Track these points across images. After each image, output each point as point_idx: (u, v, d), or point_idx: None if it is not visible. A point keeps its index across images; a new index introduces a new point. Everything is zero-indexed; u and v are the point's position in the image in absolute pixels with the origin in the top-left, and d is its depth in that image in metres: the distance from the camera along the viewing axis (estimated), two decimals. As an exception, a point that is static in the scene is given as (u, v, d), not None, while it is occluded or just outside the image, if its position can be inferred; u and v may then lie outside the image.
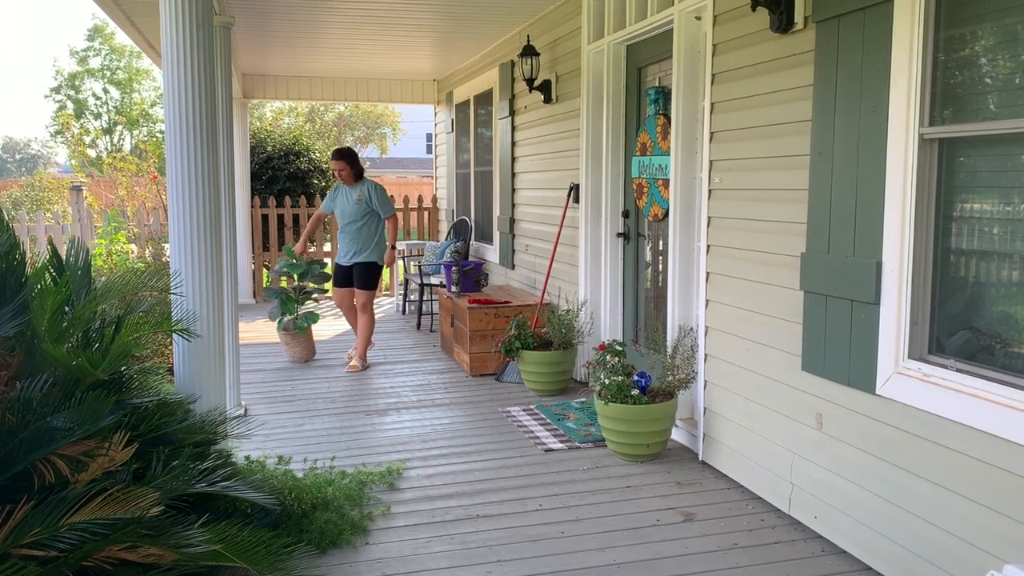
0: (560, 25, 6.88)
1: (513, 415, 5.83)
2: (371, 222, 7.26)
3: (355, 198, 7.20)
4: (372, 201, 7.21)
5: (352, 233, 7.23)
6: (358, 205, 7.18)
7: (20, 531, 2.78)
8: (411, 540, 3.86)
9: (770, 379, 4.15)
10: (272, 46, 8.94)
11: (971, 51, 3.13)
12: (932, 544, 3.19)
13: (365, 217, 7.22)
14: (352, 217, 7.20)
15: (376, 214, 7.26)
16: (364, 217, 7.21)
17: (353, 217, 7.20)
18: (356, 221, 7.20)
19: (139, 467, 3.27)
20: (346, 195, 7.27)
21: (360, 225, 7.21)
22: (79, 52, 37.46)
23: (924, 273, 3.29)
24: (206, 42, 3.89)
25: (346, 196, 7.27)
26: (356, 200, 7.19)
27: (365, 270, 7.26)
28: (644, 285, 6.05)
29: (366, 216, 7.22)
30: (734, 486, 4.46)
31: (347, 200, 7.26)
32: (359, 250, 7.24)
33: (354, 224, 7.21)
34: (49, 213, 11.80)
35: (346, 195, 7.27)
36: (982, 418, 2.95)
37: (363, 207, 7.19)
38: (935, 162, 3.23)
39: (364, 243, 7.22)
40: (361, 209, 7.19)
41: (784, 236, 4.02)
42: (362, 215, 7.20)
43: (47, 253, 3.71)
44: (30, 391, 3.11)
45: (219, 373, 4.11)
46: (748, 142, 4.29)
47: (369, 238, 7.24)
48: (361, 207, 7.19)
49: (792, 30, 3.88)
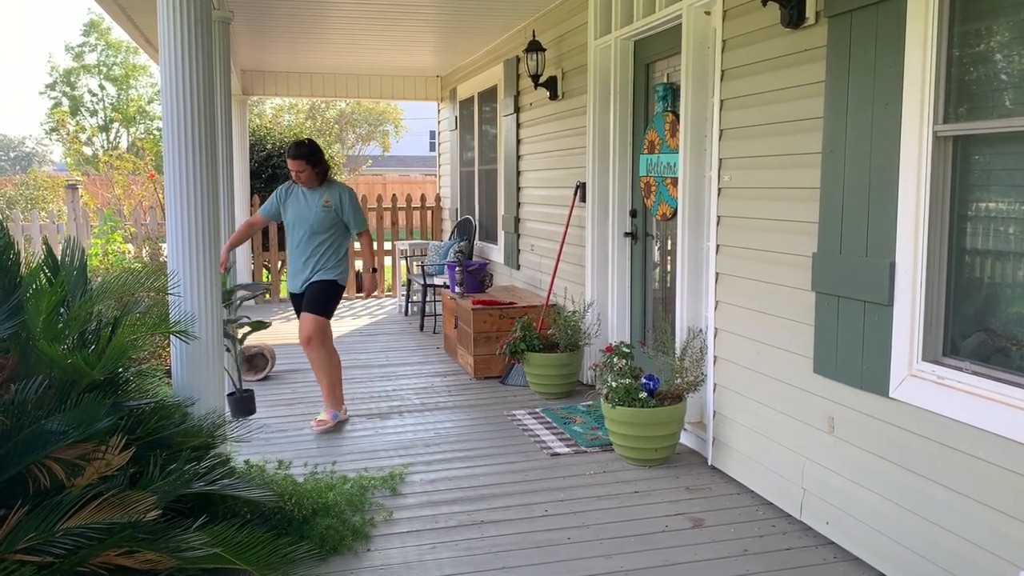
0: (566, 20, 6.89)
1: (518, 419, 5.84)
2: (338, 237, 5.79)
3: (321, 203, 5.72)
4: (344, 210, 5.75)
5: (311, 249, 5.72)
6: (324, 212, 5.71)
7: (15, 536, 2.80)
8: (414, 546, 3.87)
9: (781, 382, 4.16)
10: (272, 41, 8.97)
11: (986, 46, 3.14)
12: (947, 550, 3.19)
13: (331, 230, 5.74)
14: (315, 228, 5.70)
15: (345, 227, 5.83)
16: (330, 230, 5.74)
17: (316, 228, 5.70)
18: (319, 234, 5.70)
19: (136, 471, 3.29)
20: (305, 199, 5.77)
21: (324, 239, 5.72)
22: (74, 48, 37.52)
23: (938, 274, 3.29)
24: (204, 37, 3.90)
25: (305, 200, 5.77)
26: (322, 206, 5.71)
27: (320, 289, 5.70)
28: (652, 286, 6.06)
29: (332, 229, 5.75)
30: (744, 491, 4.46)
31: (307, 205, 5.75)
32: (319, 268, 5.73)
33: (316, 237, 5.71)
34: (44, 212, 11.85)
35: (305, 199, 5.77)
36: (998, 421, 2.96)
37: (330, 216, 5.72)
38: (949, 160, 3.23)
39: (326, 261, 5.72)
40: (327, 219, 5.71)
41: (795, 236, 4.02)
42: (327, 227, 5.72)
43: (42, 253, 3.73)
44: (25, 393, 3.13)
45: (218, 376, 4.12)
46: (758, 139, 4.30)
47: (333, 256, 5.76)
48: (328, 216, 5.71)
49: (803, 25, 3.88)
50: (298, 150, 5.65)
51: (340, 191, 5.79)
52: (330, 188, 5.78)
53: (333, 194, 5.76)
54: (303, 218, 5.73)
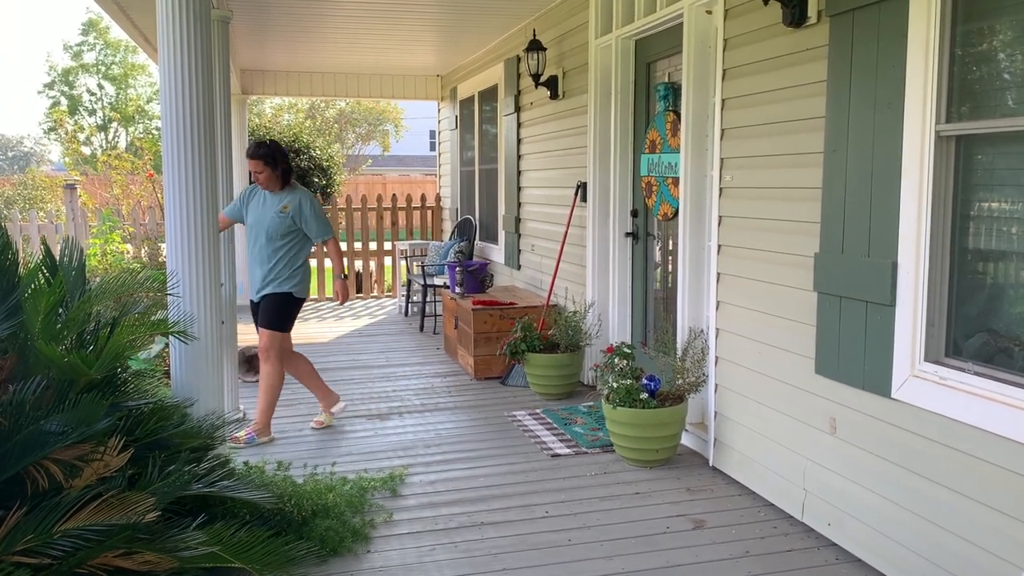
0: (567, 19, 6.89)
1: (519, 419, 5.84)
2: (295, 245, 5.52)
3: (278, 208, 5.47)
4: (301, 216, 5.48)
5: (266, 256, 5.48)
6: (280, 218, 5.45)
7: (13, 537, 2.80)
8: (414, 548, 3.87)
9: (782, 382, 4.16)
10: (271, 41, 8.98)
11: (989, 45, 3.14)
12: (950, 552, 3.19)
13: (287, 237, 5.49)
14: (269, 234, 5.46)
15: (304, 235, 5.56)
16: (286, 237, 5.48)
17: (271, 234, 5.46)
18: (274, 240, 5.46)
19: (134, 472, 3.29)
20: (265, 203, 5.54)
21: (279, 246, 5.47)
22: (73, 47, 37.55)
23: (941, 274, 3.29)
24: (203, 36, 3.90)
25: (264, 203, 5.54)
26: (279, 211, 5.46)
27: (274, 302, 5.48)
28: (653, 286, 6.06)
29: (289, 236, 5.49)
30: (746, 492, 4.46)
31: (265, 208, 5.52)
32: (273, 279, 5.48)
33: (271, 244, 5.47)
34: (42, 212, 11.85)
35: (265, 203, 5.54)
36: (1001, 422, 2.96)
37: (286, 223, 5.46)
38: (952, 160, 3.23)
39: (280, 271, 5.47)
40: (283, 225, 5.46)
41: (797, 236, 4.02)
42: (283, 233, 5.47)
43: (40, 253, 3.73)
44: (23, 394, 3.13)
45: (217, 376, 4.12)
46: (760, 139, 4.30)
47: (289, 266, 5.49)
48: (284, 222, 5.46)
49: (805, 24, 3.89)
50: (256, 149, 5.44)
51: (300, 197, 5.53)
52: (292, 193, 5.54)
53: (292, 200, 5.50)
54: (260, 222, 5.52)
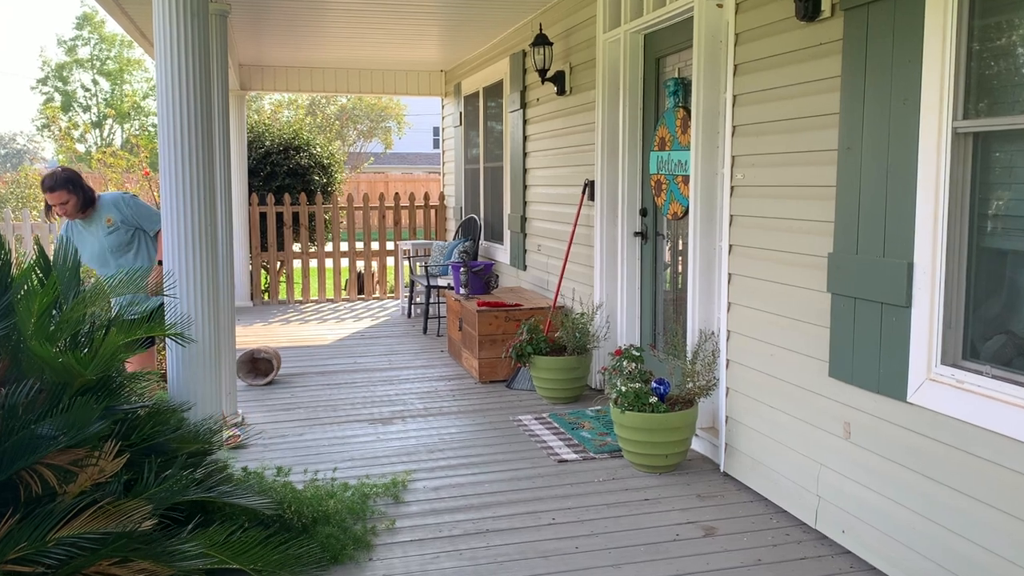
0: (574, 13, 6.90)
1: (524, 424, 5.85)
2: (143, 245, 5.45)
3: (103, 226, 5.32)
4: (136, 215, 5.39)
5: None
6: (115, 234, 5.34)
7: (5, 546, 2.81)
8: (417, 556, 3.88)
9: (795, 386, 4.16)
10: (271, 35, 8.99)
11: (1008, 40, 3.13)
12: (967, 560, 3.19)
13: (132, 243, 5.40)
14: (114, 252, 5.37)
15: (144, 232, 5.46)
16: (131, 244, 5.40)
17: (115, 251, 5.37)
18: (122, 254, 5.38)
19: (130, 477, 3.31)
20: (86, 232, 5.36)
21: (130, 256, 5.39)
22: (67, 41, 37.70)
23: (958, 274, 3.29)
24: (201, 31, 3.92)
25: (88, 231, 5.37)
26: (107, 228, 5.32)
27: None
28: (663, 287, 6.06)
29: (132, 242, 5.40)
30: (757, 499, 4.46)
31: (93, 235, 5.36)
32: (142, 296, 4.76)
33: (121, 259, 5.37)
34: (36, 211, 11.87)
35: (86, 232, 5.36)
36: (1020, 427, 2.95)
37: (123, 232, 5.36)
38: (969, 157, 3.23)
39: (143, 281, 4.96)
40: (121, 236, 5.36)
41: (810, 236, 4.02)
42: (126, 242, 5.38)
43: (34, 253, 3.75)
44: (15, 397, 3.15)
45: (215, 379, 4.14)
46: (772, 136, 4.30)
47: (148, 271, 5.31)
48: (120, 234, 5.35)
49: (819, 18, 3.89)
50: (54, 180, 5.17)
51: (115, 202, 5.39)
52: (104, 208, 5.36)
53: (110, 210, 5.35)
54: (100, 250, 5.36)
